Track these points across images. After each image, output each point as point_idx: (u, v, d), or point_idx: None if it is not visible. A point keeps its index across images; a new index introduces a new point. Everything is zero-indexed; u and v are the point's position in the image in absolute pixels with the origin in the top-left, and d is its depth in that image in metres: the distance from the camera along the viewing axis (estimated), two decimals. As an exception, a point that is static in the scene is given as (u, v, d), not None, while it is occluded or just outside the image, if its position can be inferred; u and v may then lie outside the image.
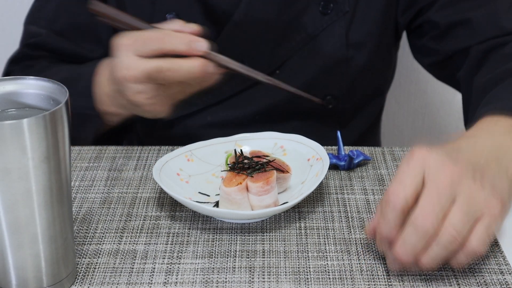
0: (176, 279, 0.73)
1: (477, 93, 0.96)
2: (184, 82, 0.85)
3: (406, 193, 0.69)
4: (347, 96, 1.10)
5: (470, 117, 0.94)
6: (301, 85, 1.07)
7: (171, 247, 0.77)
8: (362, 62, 1.08)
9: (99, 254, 0.76)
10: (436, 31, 1.04)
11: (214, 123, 1.09)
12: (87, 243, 0.78)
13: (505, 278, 0.72)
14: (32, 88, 0.68)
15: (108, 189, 0.88)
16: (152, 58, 0.83)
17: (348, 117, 1.14)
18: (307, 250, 0.77)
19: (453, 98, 1.64)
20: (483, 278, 0.72)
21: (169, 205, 0.84)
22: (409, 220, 0.68)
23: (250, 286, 0.72)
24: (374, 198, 0.86)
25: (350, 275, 0.73)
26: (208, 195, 0.84)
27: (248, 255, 0.76)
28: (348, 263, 0.74)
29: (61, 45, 1.09)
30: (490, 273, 0.73)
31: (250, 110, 1.08)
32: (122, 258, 0.76)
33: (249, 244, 0.78)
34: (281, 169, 0.82)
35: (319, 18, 1.04)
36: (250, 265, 0.74)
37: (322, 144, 0.88)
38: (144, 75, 0.84)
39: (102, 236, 0.79)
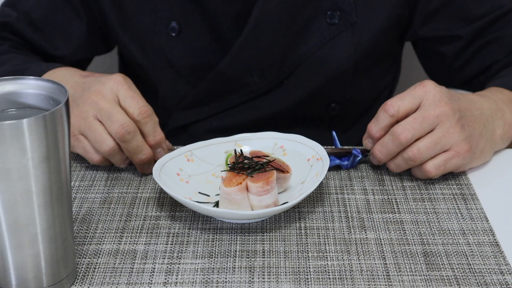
0: (176, 279, 0.72)
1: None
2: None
3: (400, 105, 0.84)
4: (351, 103, 1.10)
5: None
6: (307, 93, 1.07)
7: (171, 247, 0.77)
8: (368, 70, 1.08)
9: (99, 254, 0.76)
10: (463, 58, 1.07)
11: (219, 129, 1.09)
12: (87, 243, 0.78)
13: (505, 278, 0.72)
14: (32, 88, 0.68)
15: (108, 189, 0.88)
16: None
17: (351, 122, 1.14)
18: (307, 250, 0.77)
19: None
20: (483, 278, 0.72)
21: (169, 205, 0.84)
22: (392, 128, 0.84)
23: (250, 286, 0.71)
24: (374, 198, 0.86)
25: (350, 275, 0.73)
26: (208, 195, 0.84)
27: (248, 255, 0.76)
28: (348, 263, 0.74)
29: (27, 34, 1.08)
30: (490, 273, 0.73)
31: (255, 117, 1.08)
32: (122, 258, 0.76)
33: (249, 244, 0.78)
34: (281, 169, 0.82)
35: (326, 28, 1.03)
36: (250, 265, 0.74)
37: (323, 145, 0.88)
38: (81, 131, 0.87)
39: (102, 236, 0.79)
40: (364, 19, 1.04)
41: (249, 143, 0.90)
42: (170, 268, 0.74)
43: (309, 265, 0.74)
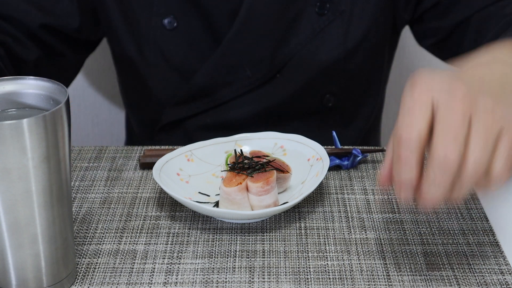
0: (176, 279, 0.73)
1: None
2: None
3: (419, 127, 0.62)
4: (345, 93, 1.10)
5: None
6: (301, 86, 1.07)
7: (171, 247, 0.77)
8: (360, 60, 1.08)
9: (99, 254, 0.76)
10: (439, 9, 1.03)
11: (214, 125, 1.09)
12: (87, 243, 0.78)
13: (505, 278, 0.72)
14: (32, 88, 0.68)
15: (108, 189, 0.88)
16: None
17: (349, 115, 1.14)
18: (307, 250, 0.77)
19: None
20: (483, 278, 0.72)
21: (169, 205, 0.84)
22: (430, 157, 0.61)
23: (250, 286, 0.72)
24: (374, 198, 0.86)
25: (350, 275, 0.73)
26: (208, 195, 0.84)
27: (248, 255, 0.76)
28: (348, 263, 0.74)
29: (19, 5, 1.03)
30: (490, 273, 0.73)
31: (250, 112, 1.08)
32: (122, 258, 0.76)
33: (249, 244, 0.78)
34: (281, 169, 0.82)
35: (316, 19, 1.04)
36: (250, 265, 0.74)
37: (323, 144, 0.88)
38: None
39: (102, 236, 0.79)
40: (352, 7, 1.04)
41: (249, 143, 0.90)
42: (170, 268, 0.74)
43: (309, 265, 0.74)
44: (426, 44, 1.11)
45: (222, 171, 0.84)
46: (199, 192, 0.84)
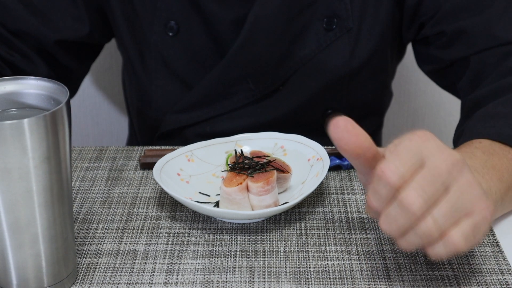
0: (177, 279, 0.73)
1: (469, 106, 0.94)
2: None
3: (403, 171, 0.63)
4: (347, 109, 1.10)
5: (458, 131, 0.92)
6: (303, 100, 1.07)
7: (172, 247, 0.77)
8: (365, 77, 1.07)
9: (100, 254, 0.76)
10: (443, 39, 1.02)
11: (213, 134, 1.08)
12: (88, 243, 0.78)
13: (505, 278, 0.73)
14: (32, 88, 0.68)
15: (109, 189, 0.88)
16: None
17: None
18: (307, 250, 0.77)
19: (453, 98, 1.64)
20: (483, 278, 0.73)
21: (170, 205, 0.84)
22: (398, 196, 0.63)
23: (250, 286, 0.72)
24: (374, 198, 0.86)
25: (350, 275, 0.73)
26: (209, 195, 0.84)
27: (248, 255, 0.76)
28: (348, 263, 0.75)
29: (24, 16, 1.01)
30: (490, 273, 0.73)
31: (250, 124, 1.07)
32: (122, 258, 0.76)
33: (249, 244, 0.78)
34: (282, 169, 0.82)
35: (322, 34, 1.03)
36: (251, 265, 0.75)
37: (323, 145, 0.88)
38: None
39: (103, 236, 0.79)
40: (360, 25, 1.03)
41: (250, 143, 0.90)
42: (171, 268, 0.74)
43: (309, 265, 0.74)
44: (426, 69, 1.09)
45: (222, 171, 0.84)
46: (200, 192, 0.84)
